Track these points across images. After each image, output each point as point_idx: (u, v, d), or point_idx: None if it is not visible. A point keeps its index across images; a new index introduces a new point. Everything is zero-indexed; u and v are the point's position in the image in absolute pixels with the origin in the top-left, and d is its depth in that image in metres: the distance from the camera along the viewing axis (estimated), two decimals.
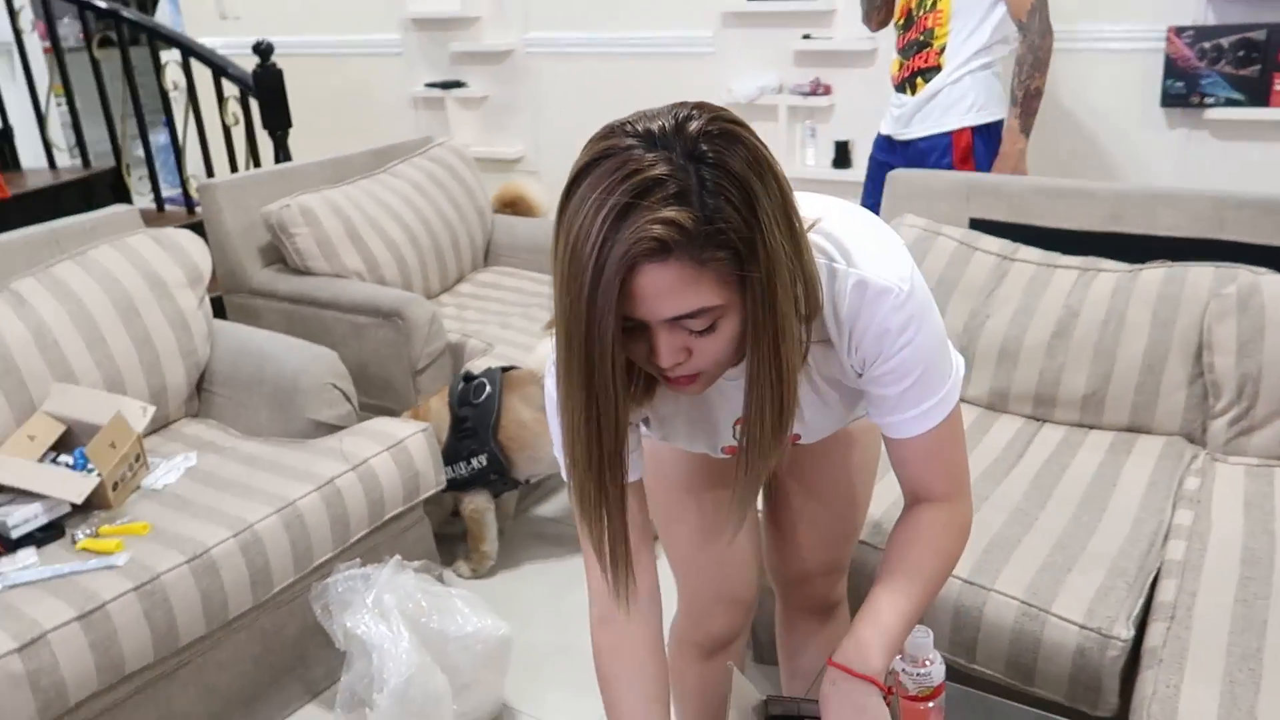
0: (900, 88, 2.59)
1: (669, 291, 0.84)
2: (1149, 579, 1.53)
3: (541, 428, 2.19)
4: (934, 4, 2.48)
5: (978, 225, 2.28)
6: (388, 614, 1.74)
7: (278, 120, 3.54)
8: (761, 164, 0.86)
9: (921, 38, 2.52)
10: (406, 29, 4.51)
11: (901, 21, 2.59)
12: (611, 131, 0.87)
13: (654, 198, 0.81)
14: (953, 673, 1.56)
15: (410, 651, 1.69)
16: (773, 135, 3.79)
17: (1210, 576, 1.50)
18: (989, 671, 1.53)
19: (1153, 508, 1.68)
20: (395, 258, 2.80)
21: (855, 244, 1.01)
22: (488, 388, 2.25)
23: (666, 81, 3.89)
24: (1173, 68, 2.88)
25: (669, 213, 0.81)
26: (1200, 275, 1.93)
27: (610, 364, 0.86)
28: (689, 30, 3.82)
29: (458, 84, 4.41)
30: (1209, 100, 2.87)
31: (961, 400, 2.10)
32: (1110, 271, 2.03)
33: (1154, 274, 1.98)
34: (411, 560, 1.90)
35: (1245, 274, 1.88)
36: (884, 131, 2.70)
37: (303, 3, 4.75)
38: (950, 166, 2.52)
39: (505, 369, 2.29)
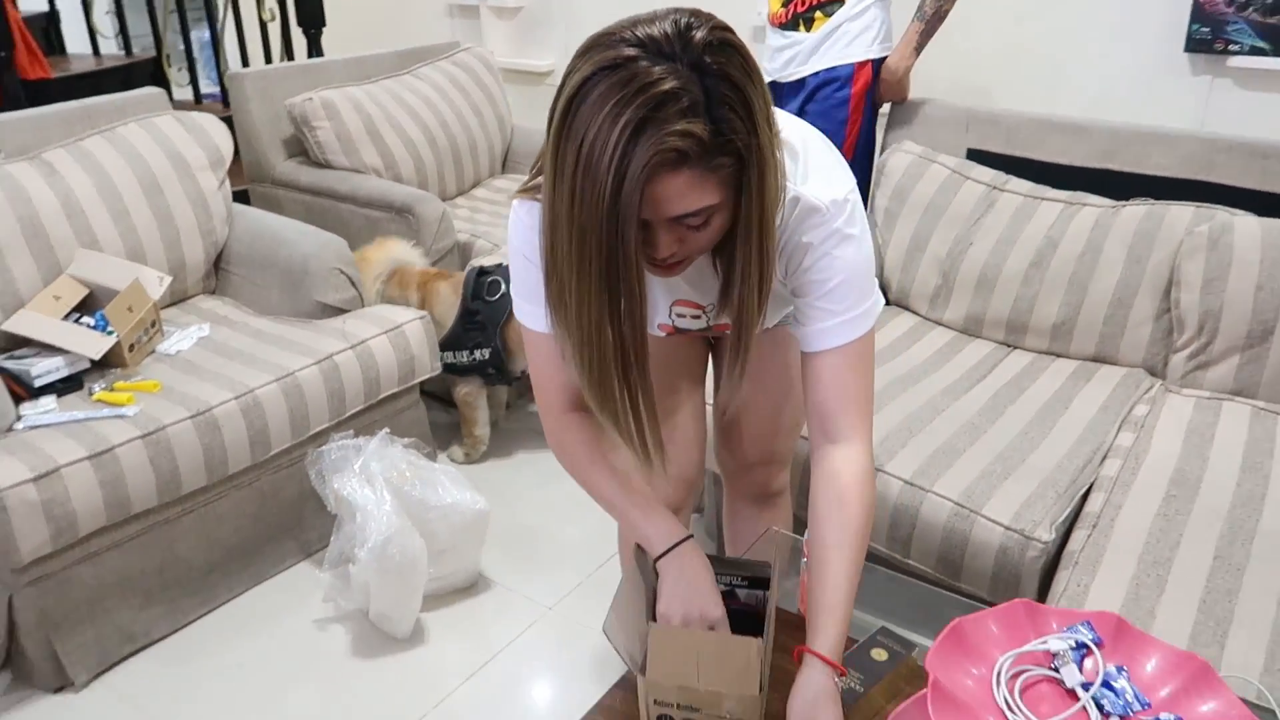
0: (790, 25, 2.40)
1: (680, 196, 0.91)
2: (1080, 491, 1.61)
3: None
4: None
5: (975, 155, 2.32)
6: (373, 480, 1.87)
7: (313, 18, 3.61)
8: (754, 72, 0.93)
9: None
10: None
11: None
12: (608, 40, 0.90)
13: (668, 111, 0.86)
14: (888, 565, 1.68)
15: (391, 515, 1.83)
16: None
17: (1138, 492, 1.58)
18: (921, 566, 1.63)
19: (1098, 429, 1.76)
20: (412, 156, 2.89)
21: (806, 160, 1.09)
22: (503, 286, 2.34)
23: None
24: (1200, 12, 2.84)
25: (683, 125, 0.86)
26: (1180, 214, 1.97)
27: (634, 265, 0.92)
28: None
29: None
30: (1234, 48, 2.83)
31: (938, 324, 2.18)
32: (1094, 206, 2.07)
33: (1135, 210, 2.02)
34: (403, 438, 2.03)
35: (1223, 214, 1.92)
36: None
37: None
38: (848, 99, 2.37)
39: None
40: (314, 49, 3.61)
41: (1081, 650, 0.94)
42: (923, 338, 2.13)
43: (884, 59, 2.38)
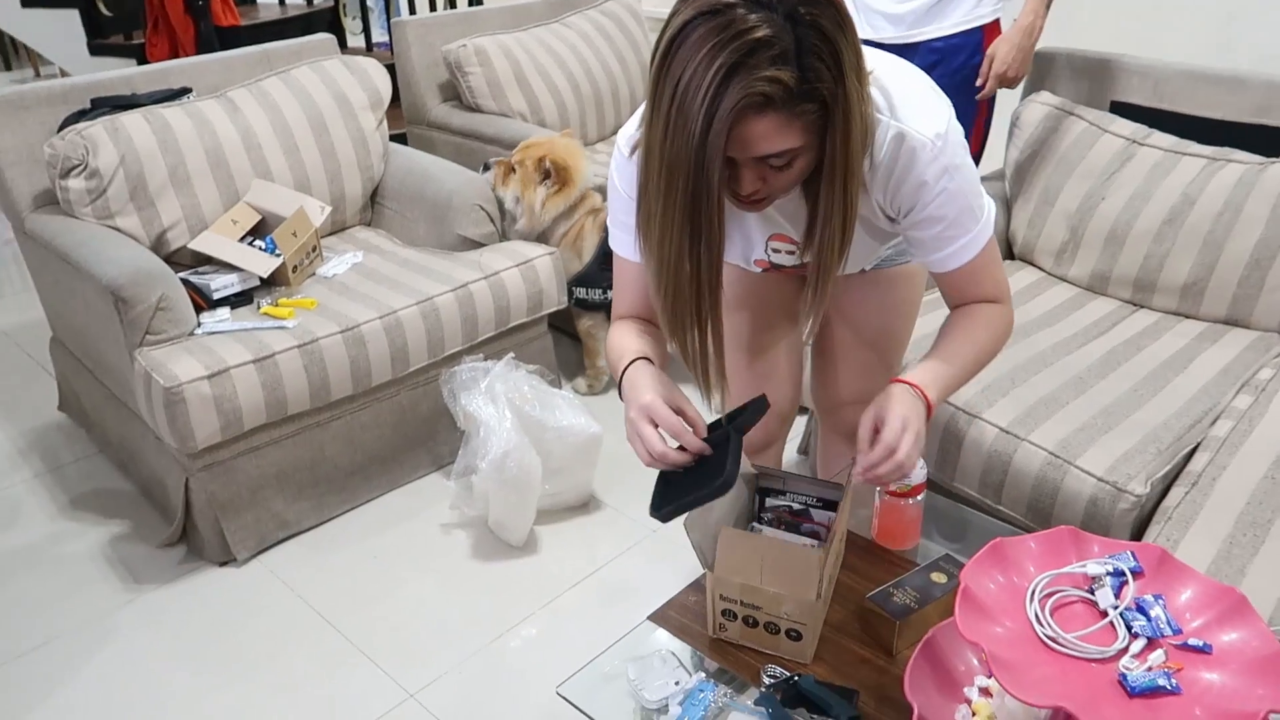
0: None
1: (763, 138, 0.98)
2: (1185, 450, 1.58)
3: None
4: None
5: (1118, 108, 2.24)
6: (497, 400, 2.03)
7: None
8: (845, 23, 0.98)
9: None
10: None
11: None
12: None
13: (759, 57, 0.93)
14: (978, 509, 1.70)
15: (511, 432, 1.98)
16: None
17: (1246, 455, 1.54)
18: (1012, 513, 1.65)
19: (1214, 391, 1.71)
20: (556, 102, 3.02)
21: (900, 97, 1.14)
22: None
23: None
24: None
25: (772, 72, 0.93)
26: None
27: (715, 200, 0.99)
28: None
29: None
30: None
31: (1062, 279, 2.15)
32: (1239, 163, 1.97)
33: None
34: (529, 364, 2.18)
35: None
36: (875, 38, 2.13)
37: None
38: (978, 66, 2.11)
39: None
40: None
41: (1120, 578, 0.97)
42: (1044, 292, 2.10)
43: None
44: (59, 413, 2.59)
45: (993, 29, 2.14)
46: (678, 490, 1.12)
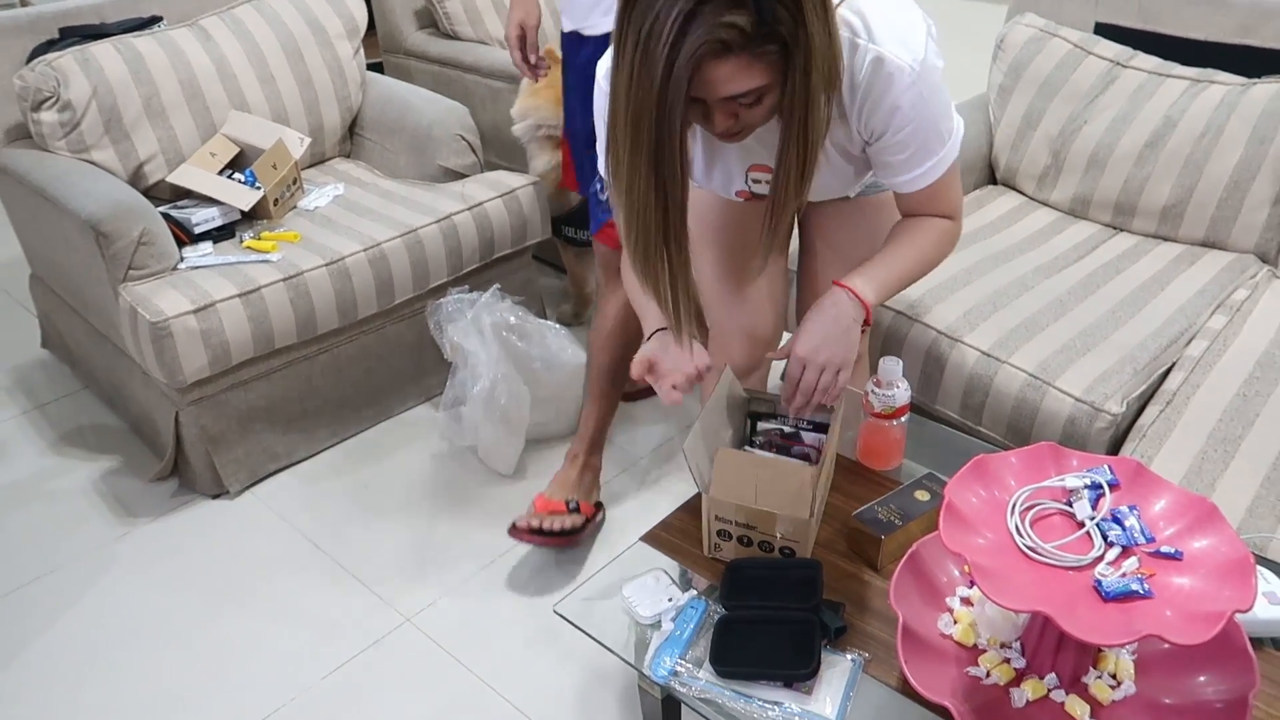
0: None
1: (727, 80, 1.00)
2: (1160, 370, 1.62)
3: None
4: None
5: (1103, 30, 2.23)
6: (483, 330, 2.04)
7: None
8: None
9: None
10: None
11: None
12: None
13: (717, 3, 0.94)
14: (960, 427, 1.74)
15: (498, 361, 2.00)
16: None
17: (1220, 373, 1.58)
18: (991, 433, 1.69)
19: (1190, 311, 1.75)
20: None
21: (877, 21, 1.14)
22: None
23: None
24: None
25: (730, 18, 0.95)
26: None
27: (678, 141, 1.03)
28: None
29: None
30: None
31: (1043, 204, 2.16)
32: (1222, 84, 1.98)
33: (1266, 89, 1.92)
34: (514, 295, 2.19)
35: None
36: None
37: None
38: None
39: None
40: None
41: (1097, 490, 1.00)
42: (1025, 217, 2.12)
43: None
44: (42, 350, 2.58)
45: None
46: (745, 653, 1.10)
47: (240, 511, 2.04)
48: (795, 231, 1.59)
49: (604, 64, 1.22)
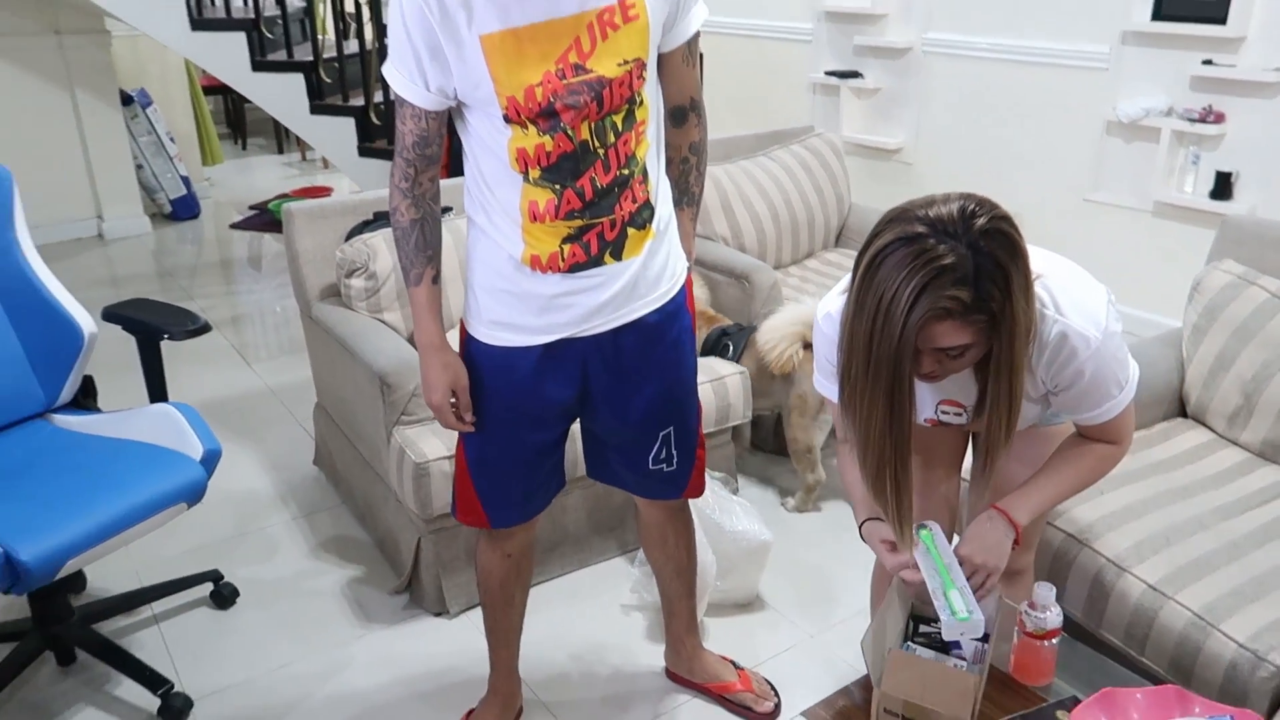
0: None
1: (942, 336, 1.26)
2: None
3: None
4: None
5: None
6: None
7: None
8: (1019, 254, 1.26)
9: None
10: (819, 19, 4.97)
11: None
12: (907, 215, 1.25)
13: (944, 279, 1.21)
14: (1124, 661, 1.81)
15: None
16: (1150, 157, 3.78)
17: None
18: (1154, 666, 1.75)
19: None
20: (756, 229, 3.33)
21: (1063, 297, 1.39)
22: (731, 350, 2.75)
23: (1053, 93, 4.00)
24: None
25: (953, 291, 1.21)
26: None
27: (908, 382, 1.29)
28: (1085, 44, 3.88)
29: (855, 74, 4.81)
30: None
31: (1233, 443, 2.23)
32: None
33: None
34: (714, 470, 2.44)
35: None
36: None
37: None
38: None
39: None
40: None
41: None
42: (1212, 455, 2.17)
43: None
44: (313, 466, 3.07)
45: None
46: None
47: (457, 631, 2.35)
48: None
49: (823, 307, 1.50)
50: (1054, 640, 1.48)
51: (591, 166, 1.49)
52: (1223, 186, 3.54)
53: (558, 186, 1.50)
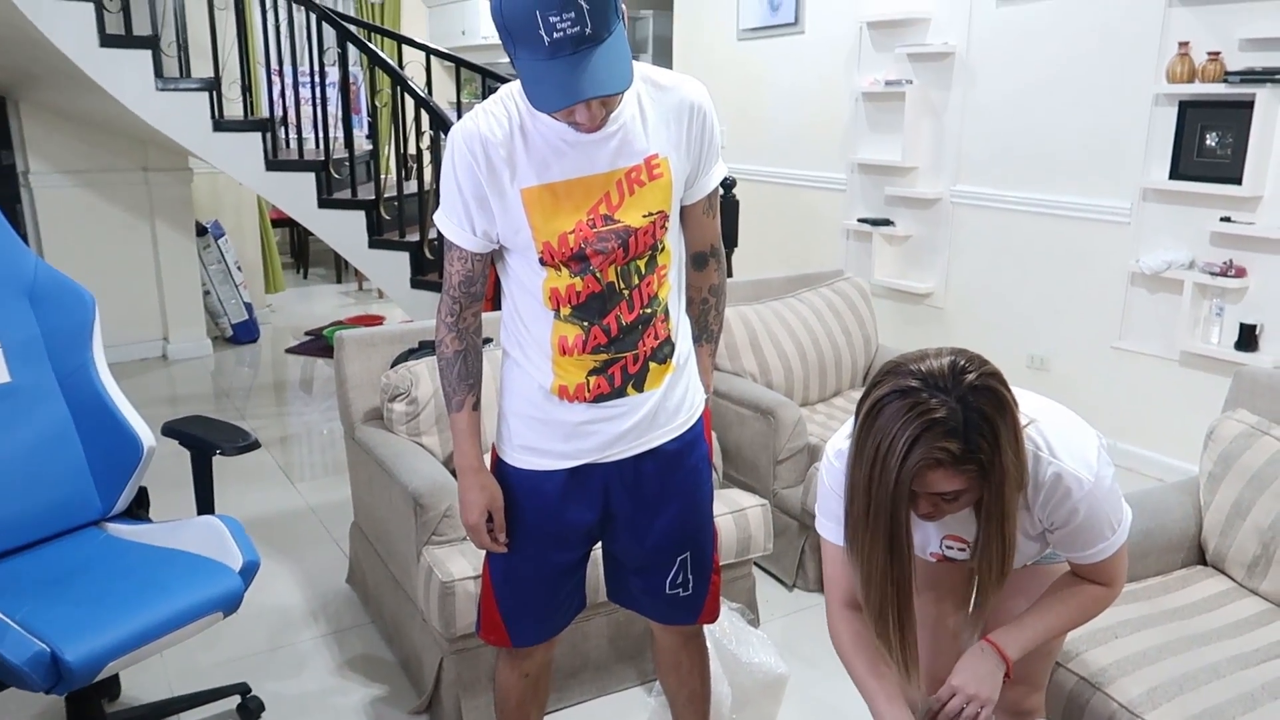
0: None
1: (935, 483, 1.36)
2: None
3: None
4: None
5: None
6: None
7: (727, 239, 4.41)
8: (1006, 409, 1.36)
9: None
10: (853, 170, 5.22)
11: None
12: (901, 370, 1.36)
13: (935, 431, 1.31)
14: None
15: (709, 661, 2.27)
16: (1175, 308, 3.86)
17: None
18: None
19: None
20: (784, 366, 3.45)
21: (1058, 441, 1.48)
22: None
23: (1077, 244, 4.14)
24: None
25: (944, 443, 1.31)
26: None
27: (905, 526, 1.38)
28: (1109, 200, 4.04)
29: (887, 222, 5.01)
30: None
31: (1253, 592, 2.25)
32: None
33: None
34: (732, 601, 2.48)
35: None
36: None
37: (766, 140, 5.69)
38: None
39: None
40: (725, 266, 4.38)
41: None
42: (1230, 604, 2.17)
43: None
44: (345, 583, 3.15)
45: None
46: None
47: None
48: None
49: (833, 445, 1.59)
50: None
51: (617, 306, 1.63)
52: (1247, 338, 3.60)
53: (586, 323, 1.63)
